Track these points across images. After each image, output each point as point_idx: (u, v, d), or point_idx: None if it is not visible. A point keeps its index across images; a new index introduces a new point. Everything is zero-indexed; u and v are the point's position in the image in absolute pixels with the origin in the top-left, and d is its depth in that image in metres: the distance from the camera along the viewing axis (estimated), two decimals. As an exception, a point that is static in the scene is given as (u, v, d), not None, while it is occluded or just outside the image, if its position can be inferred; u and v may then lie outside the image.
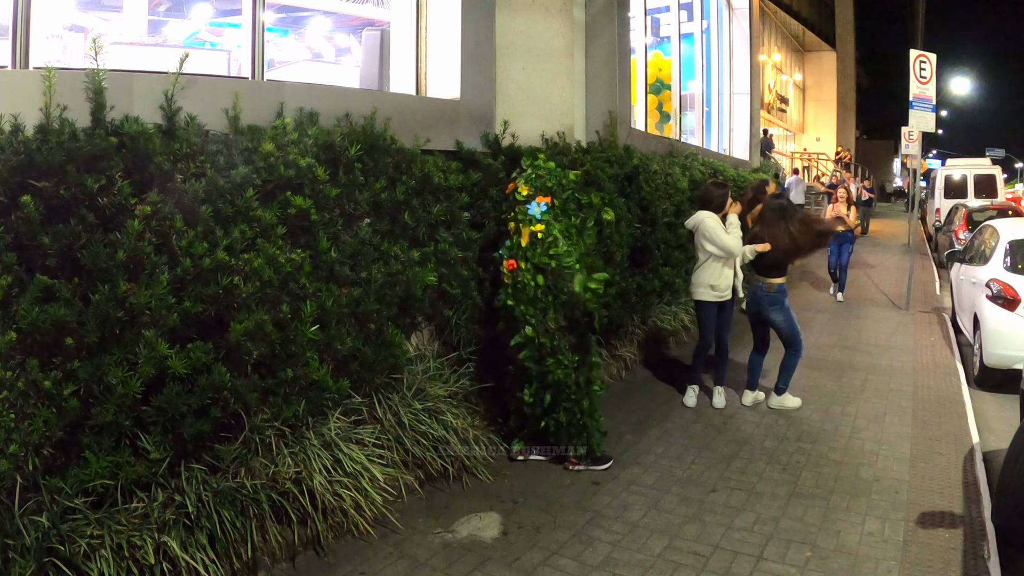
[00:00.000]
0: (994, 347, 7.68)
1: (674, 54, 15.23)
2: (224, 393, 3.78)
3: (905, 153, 17.36)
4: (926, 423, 6.40)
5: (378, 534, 4.26)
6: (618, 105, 8.67)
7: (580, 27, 7.97)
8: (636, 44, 12.20)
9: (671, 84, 14.92)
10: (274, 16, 7.37)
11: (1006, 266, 8.15)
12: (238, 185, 4.00)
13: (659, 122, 14.63)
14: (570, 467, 5.30)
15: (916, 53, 11.99)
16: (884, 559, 4.17)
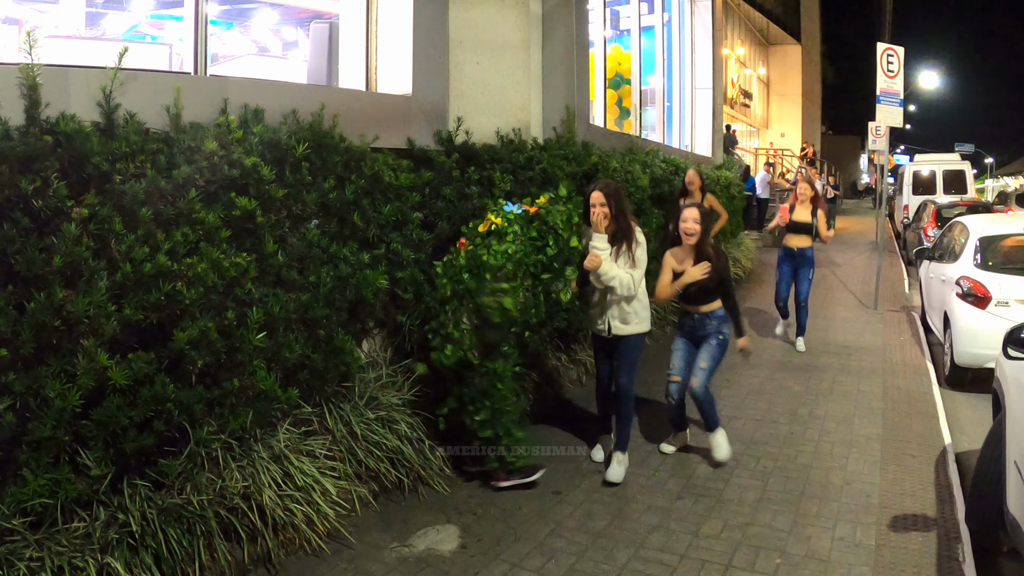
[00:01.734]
0: (965, 346, 7.91)
1: (634, 48, 15.40)
2: (168, 405, 3.79)
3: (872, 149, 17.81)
4: (896, 424, 6.58)
5: (331, 550, 4.29)
6: (576, 100, 8.77)
7: (537, 20, 8.06)
8: (595, 37, 12.35)
9: (631, 79, 15.09)
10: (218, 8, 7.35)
11: (976, 263, 8.39)
12: (180, 186, 4.01)
13: (619, 118, 14.80)
14: (496, 484, 5.19)
15: (883, 47, 12.27)
16: (856, 564, 4.29)
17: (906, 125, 15.36)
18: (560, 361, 7.20)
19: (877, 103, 12.28)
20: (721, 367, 6.76)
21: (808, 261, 9.30)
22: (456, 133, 6.58)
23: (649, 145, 12.69)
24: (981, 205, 19.09)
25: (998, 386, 5.02)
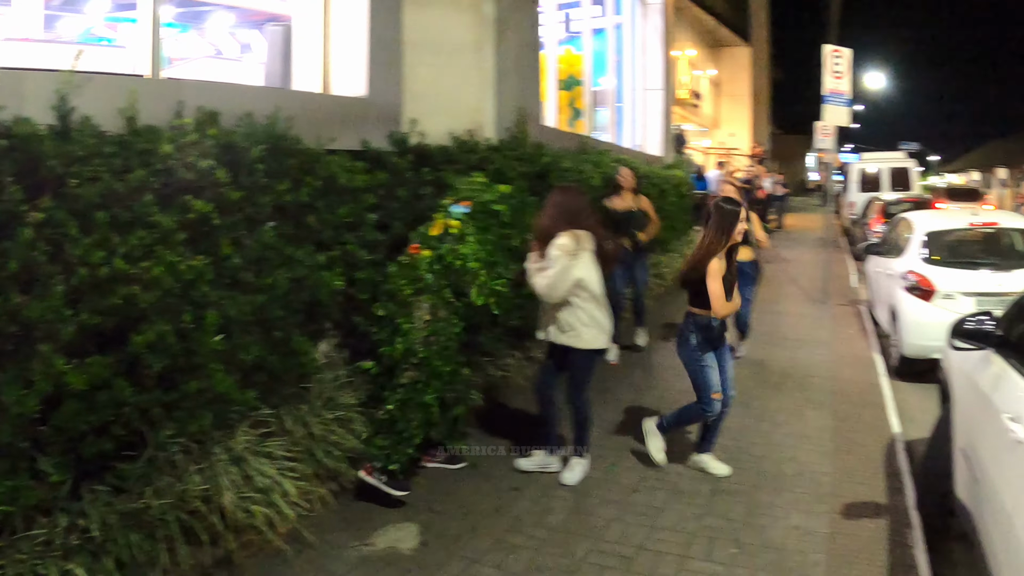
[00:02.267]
0: (912, 338, 8.16)
1: (586, 50, 15.55)
2: (126, 409, 3.77)
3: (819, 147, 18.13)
4: (847, 415, 6.76)
5: (293, 550, 4.31)
6: (528, 101, 8.89)
7: (490, 22, 8.14)
8: (547, 39, 12.47)
9: (583, 80, 15.24)
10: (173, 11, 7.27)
11: (922, 258, 8.66)
12: (135, 189, 3.98)
13: (571, 119, 14.92)
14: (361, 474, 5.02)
15: (830, 48, 12.55)
16: (811, 552, 4.43)
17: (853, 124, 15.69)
18: (514, 358, 7.26)
19: (824, 103, 12.54)
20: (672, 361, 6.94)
21: (747, 277, 7.71)
22: (410, 134, 6.61)
23: (601, 145, 12.83)
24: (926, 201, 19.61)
25: (944, 376, 5.21)
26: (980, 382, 4.13)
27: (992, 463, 3.56)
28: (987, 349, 4.20)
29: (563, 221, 5.16)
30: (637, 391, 7.46)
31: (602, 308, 5.32)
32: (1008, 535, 3.09)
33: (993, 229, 9.28)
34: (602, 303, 5.32)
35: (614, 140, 16.59)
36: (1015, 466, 3.17)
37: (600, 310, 5.28)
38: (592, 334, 5.25)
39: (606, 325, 5.34)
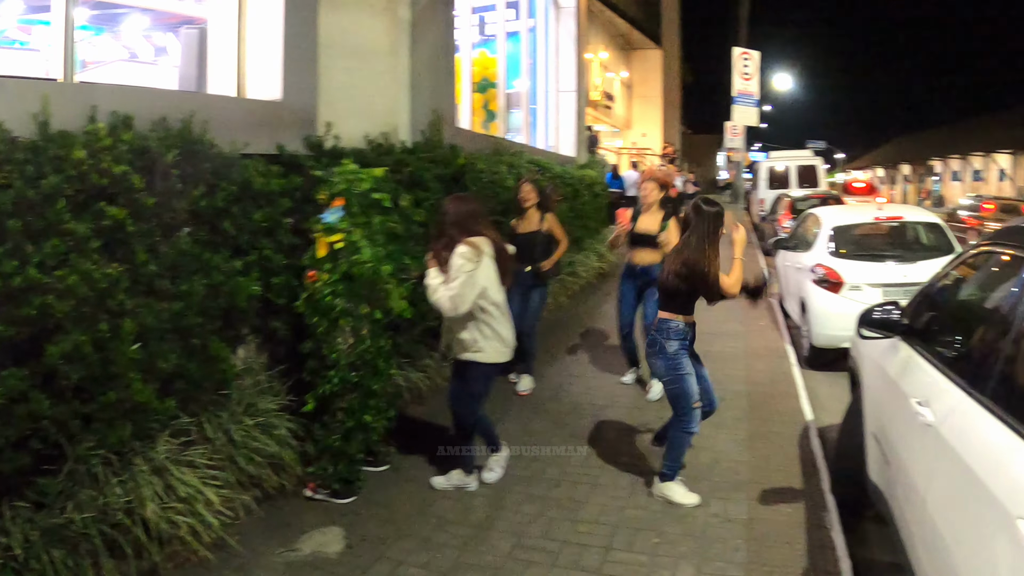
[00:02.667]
0: (822, 328, 8.51)
1: (500, 52, 15.69)
2: (43, 422, 3.73)
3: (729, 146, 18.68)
4: (761, 404, 7.00)
5: (219, 559, 4.30)
6: (443, 104, 8.94)
7: (405, 25, 8.16)
8: (462, 42, 12.55)
9: (497, 82, 15.37)
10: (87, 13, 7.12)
11: (830, 251, 9.02)
12: (48, 196, 3.93)
13: (485, 121, 15.04)
14: (308, 492, 5.16)
15: (739, 51, 12.97)
16: (731, 538, 4.60)
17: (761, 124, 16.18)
18: (432, 359, 7.29)
19: (734, 104, 12.95)
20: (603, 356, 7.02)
21: (656, 280, 6.60)
22: (325, 138, 6.61)
23: (515, 147, 12.96)
24: (832, 197, 20.33)
25: (854, 364, 5.45)
26: (888, 369, 4.33)
27: (902, 446, 3.74)
28: (894, 337, 4.41)
29: (459, 229, 5.03)
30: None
31: (506, 320, 5.19)
32: (920, 513, 3.25)
33: (898, 223, 9.71)
34: (506, 314, 5.20)
35: (528, 141, 16.75)
36: (924, 448, 3.34)
37: (504, 322, 5.15)
38: (495, 348, 5.09)
39: (509, 339, 5.19)
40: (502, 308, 5.15)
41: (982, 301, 3.80)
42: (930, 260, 8.38)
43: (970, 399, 3.10)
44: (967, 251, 4.24)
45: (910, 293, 4.88)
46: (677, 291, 5.24)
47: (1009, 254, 3.57)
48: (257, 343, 5.73)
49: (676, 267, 5.20)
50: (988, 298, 3.71)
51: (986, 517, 2.60)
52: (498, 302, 5.11)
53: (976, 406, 3.01)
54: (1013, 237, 3.60)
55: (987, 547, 2.56)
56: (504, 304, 5.18)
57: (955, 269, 4.38)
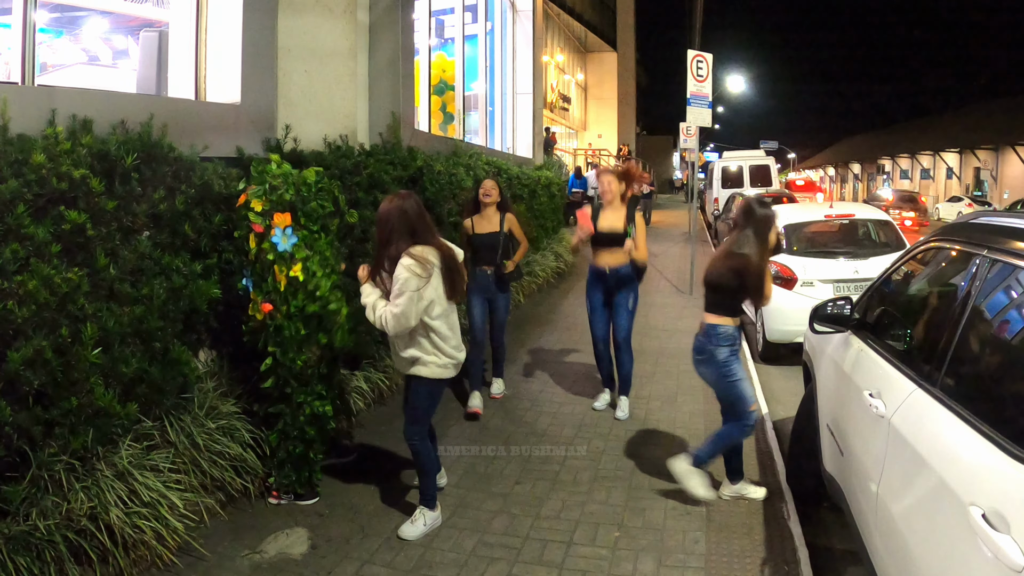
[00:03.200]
0: (775, 324, 8.69)
1: (458, 55, 15.71)
2: (6, 429, 3.68)
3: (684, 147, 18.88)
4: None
5: (184, 563, 4.28)
6: (402, 107, 8.94)
7: (364, 29, 8.17)
8: (420, 45, 12.54)
9: (455, 85, 15.38)
10: (47, 16, 7.02)
11: (782, 249, 9.16)
12: (8, 201, 3.88)
13: (443, 123, 15.04)
14: (272, 501, 5.14)
15: (693, 53, 13.07)
16: (690, 530, 4.69)
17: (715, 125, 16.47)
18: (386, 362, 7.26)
19: (688, 105, 13.06)
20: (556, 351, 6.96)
21: (626, 283, 6.64)
22: (284, 141, 6.61)
23: (472, 148, 13.01)
24: (785, 196, 20.66)
25: (807, 359, 5.57)
26: (841, 363, 4.43)
27: (856, 437, 3.84)
28: (846, 331, 4.52)
29: (404, 236, 4.50)
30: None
31: (453, 335, 4.73)
32: (874, 501, 3.34)
33: (848, 220, 9.91)
34: (453, 328, 4.75)
35: (485, 143, 16.81)
36: (877, 438, 3.42)
37: (451, 338, 4.70)
38: (438, 363, 4.64)
39: (454, 355, 4.72)
40: (450, 323, 4.69)
41: (931, 295, 3.90)
42: (880, 256, 8.59)
43: (920, 391, 3.19)
44: (916, 247, 4.35)
45: (861, 288, 4.98)
46: (728, 292, 4.98)
47: (956, 249, 3.67)
48: (217, 346, 5.70)
49: (728, 268, 4.95)
50: (936, 292, 3.82)
51: (938, 504, 2.67)
52: (445, 313, 4.64)
53: (927, 397, 3.10)
54: (960, 233, 3.69)
55: (940, 533, 2.64)
56: (451, 319, 4.71)
57: (904, 265, 4.48)
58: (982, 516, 2.33)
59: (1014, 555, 2.15)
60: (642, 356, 8.54)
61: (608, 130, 41.34)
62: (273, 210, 4.94)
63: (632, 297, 6.65)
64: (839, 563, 4.58)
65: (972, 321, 3.05)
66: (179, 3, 6.87)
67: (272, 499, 5.11)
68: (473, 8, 16.84)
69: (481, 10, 17.15)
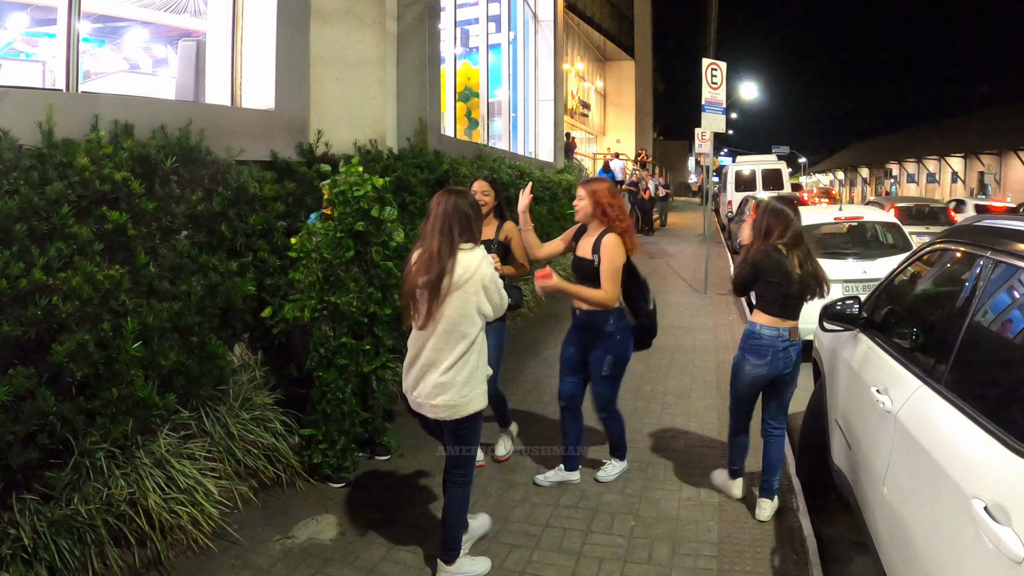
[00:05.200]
0: (786, 322, 8.56)
1: (482, 63, 15.72)
2: (50, 418, 3.69)
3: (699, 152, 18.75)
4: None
5: (218, 547, 4.28)
6: (428, 112, 8.95)
7: (392, 38, 8.18)
8: (446, 54, 12.55)
9: (479, 92, 15.40)
10: (90, 26, 7.09)
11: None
12: (53, 201, 3.91)
13: (468, 128, 15.05)
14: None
15: (708, 61, 12.98)
16: (703, 520, 4.64)
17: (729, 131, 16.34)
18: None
19: (702, 111, 12.97)
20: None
21: (598, 336, 4.87)
22: (316, 145, 6.61)
23: (496, 153, 12.99)
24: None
25: (817, 356, 5.51)
26: (849, 360, 4.38)
27: (863, 431, 3.79)
28: (854, 330, 4.46)
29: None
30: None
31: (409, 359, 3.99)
32: (880, 494, 3.30)
33: (857, 222, 9.81)
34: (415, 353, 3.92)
35: (509, 147, 16.82)
36: (884, 432, 3.38)
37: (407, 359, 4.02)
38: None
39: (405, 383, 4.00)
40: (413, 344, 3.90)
41: (936, 295, 3.85)
42: (888, 257, 8.49)
43: (926, 387, 3.15)
44: (922, 248, 4.29)
45: (869, 288, 4.91)
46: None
47: (961, 251, 3.63)
48: (252, 340, 5.71)
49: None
50: (942, 292, 3.76)
51: (942, 497, 2.64)
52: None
53: (932, 393, 3.06)
54: (964, 235, 3.64)
55: (943, 525, 2.60)
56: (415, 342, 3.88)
57: (911, 265, 4.43)
58: (984, 508, 2.30)
59: (1015, 546, 2.12)
60: (657, 353, 8.38)
61: (626, 135, 41.19)
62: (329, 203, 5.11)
63: (608, 358, 4.87)
64: (846, 553, 4.53)
65: (976, 320, 3.02)
66: (216, 14, 6.90)
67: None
68: (497, 18, 16.84)
69: (504, 20, 17.15)
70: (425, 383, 3.78)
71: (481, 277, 3.74)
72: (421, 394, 3.80)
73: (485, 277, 3.76)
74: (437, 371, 3.74)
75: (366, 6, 7.58)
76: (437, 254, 3.66)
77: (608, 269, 4.64)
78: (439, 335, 3.71)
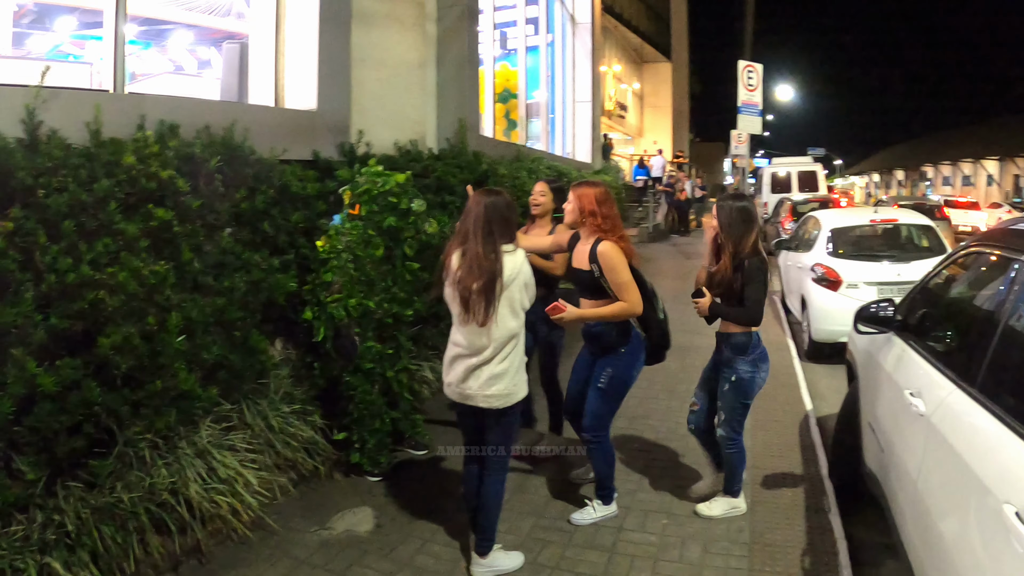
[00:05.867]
0: (821, 323, 8.45)
1: (521, 65, 15.71)
2: (95, 408, 3.72)
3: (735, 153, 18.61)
4: (763, 394, 6.84)
5: (257, 537, 4.30)
6: (468, 113, 8.95)
7: (432, 40, 8.18)
8: (485, 56, 12.56)
9: (518, 93, 15.38)
10: (136, 29, 7.20)
11: (828, 252, 8.96)
12: (101, 199, 3.95)
13: (506, 129, 15.04)
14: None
15: (744, 63, 12.86)
16: (735, 520, 4.56)
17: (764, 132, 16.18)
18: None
19: (739, 113, 12.86)
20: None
21: (603, 348, 4.46)
22: (358, 145, 6.62)
23: (534, 153, 12.95)
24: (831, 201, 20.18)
25: (851, 358, 5.40)
26: (883, 362, 4.28)
27: (896, 434, 3.71)
28: (889, 332, 4.37)
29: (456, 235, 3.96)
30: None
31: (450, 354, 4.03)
32: (912, 497, 3.22)
33: (892, 225, 9.63)
34: (459, 349, 3.98)
35: (547, 148, 16.76)
36: (916, 435, 3.30)
37: (449, 352, 4.05)
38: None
39: (446, 378, 4.04)
40: (463, 339, 3.90)
41: (971, 299, 3.76)
42: (922, 260, 8.30)
43: (960, 391, 3.07)
44: (957, 251, 4.19)
45: (904, 291, 4.82)
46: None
47: (996, 254, 3.55)
48: (293, 336, 5.73)
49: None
50: (976, 296, 3.68)
51: (974, 501, 2.57)
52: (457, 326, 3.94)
53: (965, 397, 2.99)
54: (999, 239, 3.57)
55: (974, 529, 2.54)
56: (466, 336, 3.87)
57: (946, 268, 4.34)
58: (1016, 514, 2.24)
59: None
60: (692, 352, 8.15)
61: (663, 137, 40.90)
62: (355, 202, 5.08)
63: (608, 371, 4.42)
64: (877, 555, 4.42)
65: (1010, 324, 2.93)
66: (259, 17, 6.95)
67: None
68: (535, 21, 16.81)
69: (542, 23, 17.10)
70: (479, 376, 3.86)
71: (524, 277, 3.89)
72: (473, 387, 3.87)
73: (526, 276, 3.90)
74: (492, 363, 3.84)
75: (406, 9, 7.60)
76: (484, 256, 3.75)
77: (619, 280, 4.24)
78: (492, 330, 3.80)
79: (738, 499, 4.67)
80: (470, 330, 3.83)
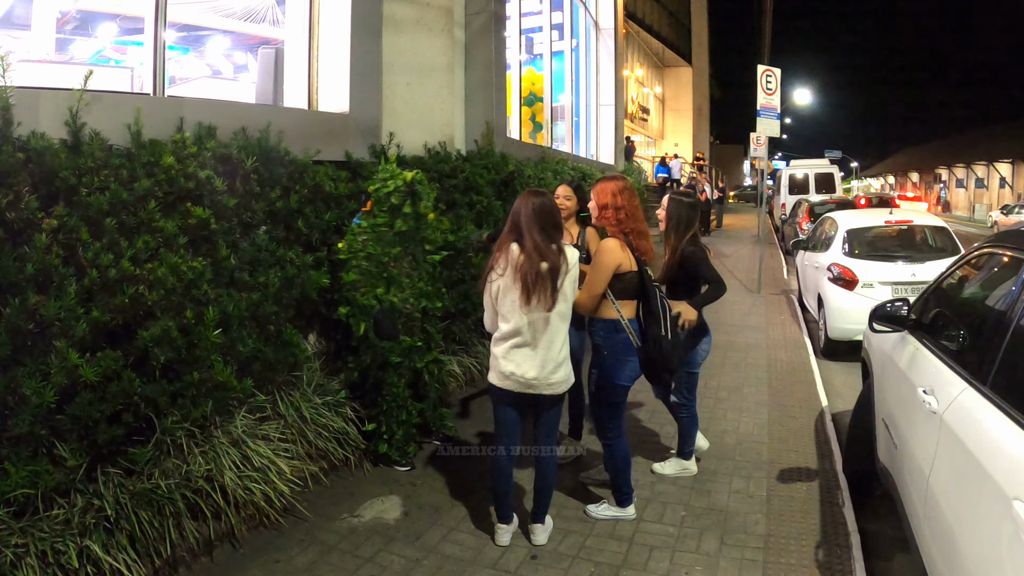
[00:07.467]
0: (837, 322, 8.34)
1: (546, 70, 15.64)
2: (135, 398, 3.74)
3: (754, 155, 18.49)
4: (780, 391, 6.85)
5: (288, 523, 4.30)
6: (495, 116, 8.90)
7: (460, 45, 8.15)
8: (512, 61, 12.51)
9: (543, 97, 15.31)
10: (175, 35, 7.25)
11: (845, 252, 8.85)
12: (141, 197, 3.97)
13: (532, 131, 14.98)
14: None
15: (763, 68, 12.68)
16: (751, 512, 4.50)
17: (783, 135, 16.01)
18: (484, 347, 7.19)
19: (757, 116, 12.67)
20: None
21: (597, 343, 4.22)
22: (388, 146, 6.60)
23: (559, 155, 12.89)
24: (847, 203, 19.92)
25: (866, 355, 5.31)
26: (898, 360, 4.20)
27: (909, 430, 3.63)
28: (903, 331, 4.28)
29: (509, 231, 3.91)
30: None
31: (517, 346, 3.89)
32: (924, 492, 3.16)
33: (907, 226, 9.47)
34: (525, 339, 3.87)
35: (571, 150, 16.69)
36: (929, 432, 3.24)
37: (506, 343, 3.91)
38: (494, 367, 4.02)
39: (509, 368, 3.87)
40: (527, 331, 3.82)
41: (984, 298, 3.68)
42: (937, 260, 8.17)
43: (972, 389, 3.01)
44: (970, 252, 4.11)
45: (918, 290, 4.73)
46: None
47: (1008, 255, 3.48)
48: (325, 330, 5.73)
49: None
50: (989, 296, 3.60)
51: (985, 497, 2.53)
52: (515, 321, 3.82)
53: (977, 395, 2.93)
54: (1012, 240, 3.50)
55: (985, 524, 2.50)
56: (531, 331, 3.82)
57: (959, 269, 4.25)
58: (1026, 511, 2.18)
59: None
60: (713, 350, 7.98)
61: (684, 139, 40.68)
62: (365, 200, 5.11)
63: (594, 372, 4.25)
64: (889, 549, 4.34)
65: (1021, 324, 2.86)
66: (294, 23, 6.95)
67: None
68: (560, 27, 16.73)
69: (567, 28, 17.02)
70: (545, 364, 3.86)
71: (576, 270, 3.97)
72: (539, 376, 3.86)
73: (576, 269, 3.97)
74: (554, 350, 3.88)
75: (436, 15, 7.56)
76: (545, 247, 3.79)
77: (591, 274, 4.09)
78: (553, 319, 3.85)
79: (689, 461, 5.04)
80: (532, 318, 3.80)
